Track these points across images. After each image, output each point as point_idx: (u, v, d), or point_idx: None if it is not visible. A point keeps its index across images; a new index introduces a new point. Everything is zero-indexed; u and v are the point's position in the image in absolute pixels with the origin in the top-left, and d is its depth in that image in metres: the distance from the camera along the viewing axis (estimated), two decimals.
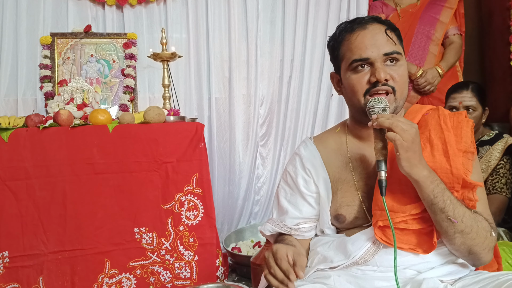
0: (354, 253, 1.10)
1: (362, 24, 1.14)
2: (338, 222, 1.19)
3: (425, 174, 1.00)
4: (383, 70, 1.09)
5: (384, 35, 1.12)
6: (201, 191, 2.04)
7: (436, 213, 1.01)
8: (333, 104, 3.05)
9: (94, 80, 2.62)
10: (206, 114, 2.95)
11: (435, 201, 1.00)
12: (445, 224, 1.01)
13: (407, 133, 0.98)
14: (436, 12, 2.78)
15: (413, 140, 0.98)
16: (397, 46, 1.13)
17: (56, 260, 1.96)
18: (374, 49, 1.11)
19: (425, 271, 1.07)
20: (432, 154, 1.07)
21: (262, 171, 3.07)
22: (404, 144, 0.97)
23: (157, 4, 2.88)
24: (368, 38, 1.12)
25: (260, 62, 2.98)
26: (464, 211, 1.01)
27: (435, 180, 1.01)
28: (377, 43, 1.11)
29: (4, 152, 1.94)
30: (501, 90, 3.06)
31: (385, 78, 1.09)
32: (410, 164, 0.99)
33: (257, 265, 2.03)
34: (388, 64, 1.11)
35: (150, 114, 2.04)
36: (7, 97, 2.69)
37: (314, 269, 1.14)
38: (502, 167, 2.20)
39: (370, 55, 1.10)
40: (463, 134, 1.08)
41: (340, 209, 1.18)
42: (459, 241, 1.02)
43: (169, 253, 2.02)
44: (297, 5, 2.98)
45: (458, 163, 1.05)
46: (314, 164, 1.23)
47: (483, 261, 1.06)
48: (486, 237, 1.03)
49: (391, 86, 1.10)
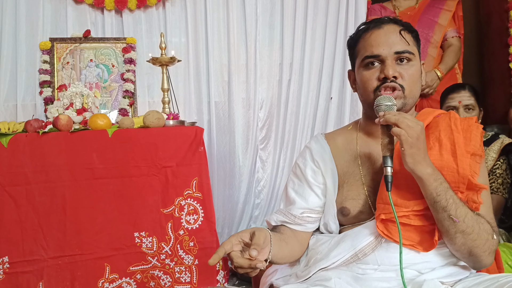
0: (354, 245, 1.10)
1: (378, 24, 1.19)
2: (343, 215, 1.21)
3: (429, 172, 1.01)
4: (392, 67, 1.13)
5: (397, 35, 1.16)
6: (201, 195, 2.04)
7: (438, 211, 1.02)
8: (332, 107, 3.05)
9: (93, 84, 2.63)
10: (205, 118, 2.96)
11: (438, 199, 1.01)
12: (447, 223, 1.02)
13: (412, 129, 1.00)
14: (435, 15, 2.79)
15: (418, 137, 1.00)
16: (410, 46, 1.16)
17: (56, 265, 1.96)
18: (386, 47, 1.15)
19: (426, 272, 1.07)
20: (440, 153, 1.09)
21: (262, 174, 3.06)
22: (409, 139, 0.99)
23: (156, 9, 2.88)
24: (382, 37, 1.16)
25: (259, 65, 2.99)
26: (466, 212, 1.02)
27: (438, 178, 1.02)
28: (389, 41, 1.15)
29: (3, 158, 1.94)
30: (500, 92, 3.07)
31: (394, 75, 1.13)
32: (414, 160, 1.01)
33: None
34: (399, 63, 1.15)
35: (149, 119, 2.04)
36: (7, 103, 2.69)
37: (315, 270, 1.14)
38: (498, 168, 2.22)
39: (381, 52, 1.15)
40: (472, 137, 1.10)
41: (346, 202, 1.20)
42: (460, 241, 1.02)
43: (169, 257, 2.02)
44: (296, 9, 2.99)
45: (465, 164, 1.06)
46: (323, 157, 1.26)
47: (484, 264, 1.06)
48: (488, 240, 1.03)
49: (400, 84, 1.13)
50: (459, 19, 2.90)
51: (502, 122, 2.89)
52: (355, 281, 1.09)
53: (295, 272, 1.22)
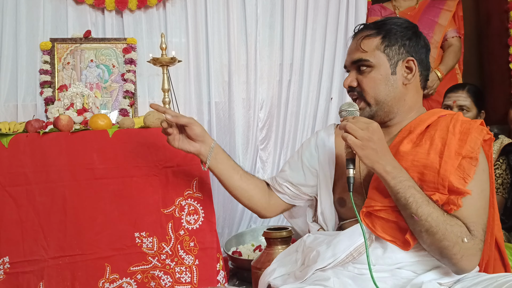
0: (350, 244, 1.11)
1: (354, 33, 1.26)
2: (340, 206, 1.27)
3: (387, 170, 1.05)
4: (350, 77, 1.21)
5: (356, 44, 1.22)
6: (201, 195, 2.04)
7: (401, 209, 1.06)
8: (332, 108, 3.05)
9: (94, 85, 2.63)
10: (206, 118, 2.96)
11: (397, 196, 1.05)
12: (410, 221, 1.05)
13: (361, 132, 1.04)
14: (435, 15, 2.80)
15: (369, 138, 1.04)
16: (368, 53, 1.19)
17: (57, 265, 1.96)
18: (348, 57, 1.23)
19: (421, 272, 1.08)
20: (428, 152, 1.10)
21: (262, 174, 3.06)
22: (357, 142, 1.04)
23: (157, 9, 2.89)
24: (350, 47, 1.25)
25: (259, 66, 2.99)
26: (430, 211, 1.02)
27: (398, 176, 1.05)
28: (351, 51, 1.23)
29: (4, 158, 1.94)
30: (500, 92, 3.07)
31: (349, 85, 1.20)
32: (370, 160, 1.05)
33: (257, 269, 2.03)
34: (359, 72, 1.20)
35: (150, 119, 2.05)
36: (7, 103, 2.69)
37: (312, 272, 1.15)
38: (498, 168, 2.22)
39: (346, 63, 1.25)
40: (468, 139, 1.09)
41: (343, 193, 1.26)
42: (428, 240, 1.04)
43: (169, 257, 2.02)
44: (296, 9, 2.99)
45: (449, 165, 1.06)
46: (325, 145, 1.32)
47: (460, 268, 1.05)
48: (457, 242, 1.01)
49: (357, 91, 1.19)
50: (459, 19, 2.90)
51: (502, 122, 2.89)
52: (353, 280, 1.10)
53: (293, 271, 1.22)
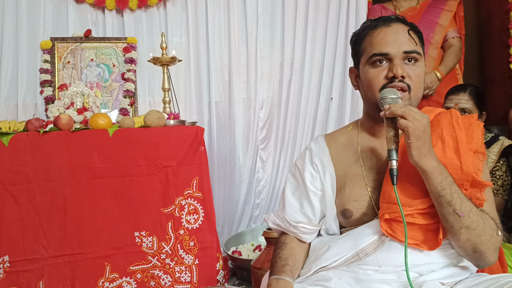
0: (357, 244, 1.10)
1: (387, 22, 1.18)
2: (345, 217, 1.19)
3: (434, 165, 1.01)
4: (400, 66, 1.12)
5: (406, 34, 1.15)
6: (201, 195, 2.04)
7: (443, 206, 1.01)
8: (333, 108, 3.05)
9: (94, 84, 2.63)
10: (206, 118, 2.96)
11: (443, 193, 1.00)
12: (451, 218, 1.01)
13: (418, 122, 1.00)
14: (436, 15, 2.79)
15: (424, 130, 1.00)
16: (417, 47, 1.16)
17: (57, 264, 1.96)
18: (395, 46, 1.13)
19: (426, 273, 1.07)
20: (444, 151, 1.08)
21: (262, 174, 3.06)
22: (415, 132, 0.99)
23: (157, 9, 2.89)
24: (390, 35, 1.15)
25: (260, 65, 2.99)
26: (471, 207, 1.01)
27: (443, 172, 1.02)
28: (398, 40, 1.14)
29: (4, 157, 1.94)
30: (501, 93, 3.07)
31: (402, 75, 1.12)
32: (420, 153, 1.01)
33: (257, 268, 2.03)
34: (407, 63, 1.14)
35: (150, 118, 2.05)
36: (8, 102, 2.69)
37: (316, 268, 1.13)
38: (498, 169, 2.21)
39: (390, 50, 1.13)
40: (474, 134, 1.09)
41: (348, 203, 1.18)
42: (465, 237, 1.01)
43: (169, 257, 2.02)
44: (297, 9, 2.99)
45: (468, 161, 1.06)
46: (322, 159, 1.25)
47: (488, 261, 1.05)
48: (492, 236, 1.03)
49: (407, 83, 1.12)
50: (460, 20, 2.90)
51: (502, 123, 2.88)
52: (355, 282, 1.08)
53: None
